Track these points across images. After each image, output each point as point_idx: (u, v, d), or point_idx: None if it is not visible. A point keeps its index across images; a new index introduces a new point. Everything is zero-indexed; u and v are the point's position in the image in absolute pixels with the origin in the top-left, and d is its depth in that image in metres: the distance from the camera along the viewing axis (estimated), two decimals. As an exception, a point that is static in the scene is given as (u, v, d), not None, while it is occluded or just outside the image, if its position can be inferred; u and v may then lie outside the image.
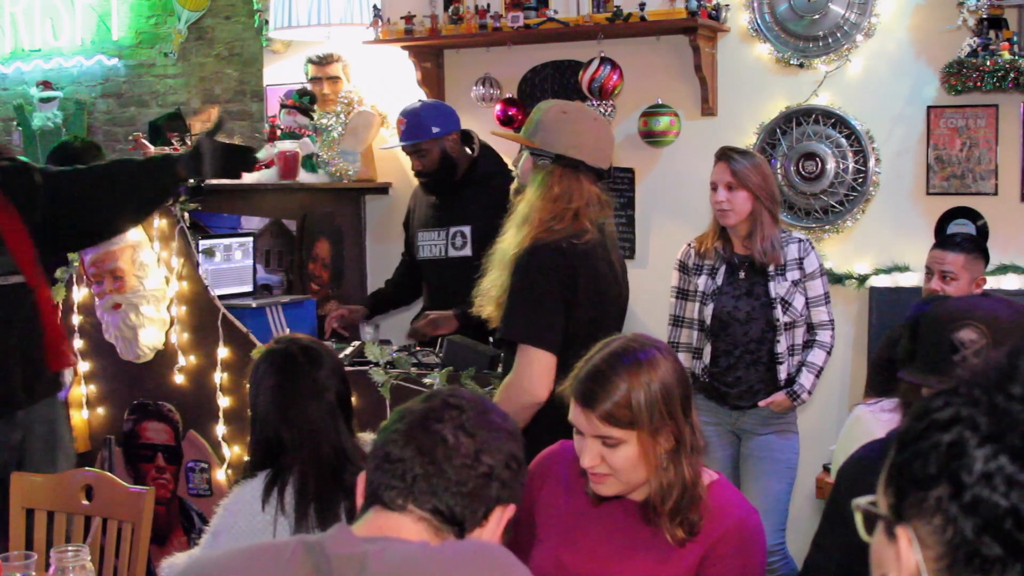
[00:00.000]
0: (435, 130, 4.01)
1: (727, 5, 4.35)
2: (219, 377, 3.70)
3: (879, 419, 2.55)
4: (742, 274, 3.51)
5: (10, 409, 3.17)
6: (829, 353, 3.56)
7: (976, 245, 3.67)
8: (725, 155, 3.54)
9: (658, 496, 1.96)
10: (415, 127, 4.01)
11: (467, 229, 4.08)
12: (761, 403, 3.50)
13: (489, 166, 4.16)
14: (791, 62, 4.31)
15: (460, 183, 4.10)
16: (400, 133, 4.08)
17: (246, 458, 2.58)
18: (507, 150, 4.21)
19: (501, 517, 1.46)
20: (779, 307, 3.45)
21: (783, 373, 3.49)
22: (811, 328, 3.55)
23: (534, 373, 2.71)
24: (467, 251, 4.06)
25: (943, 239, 3.76)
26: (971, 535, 0.82)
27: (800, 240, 3.56)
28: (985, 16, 3.90)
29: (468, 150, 4.14)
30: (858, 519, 0.96)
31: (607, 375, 1.94)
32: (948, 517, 0.83)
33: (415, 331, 3.97)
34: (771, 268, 3.48)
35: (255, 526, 2.13)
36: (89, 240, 3.44)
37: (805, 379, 3.50)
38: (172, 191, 3.33)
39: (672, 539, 1.97)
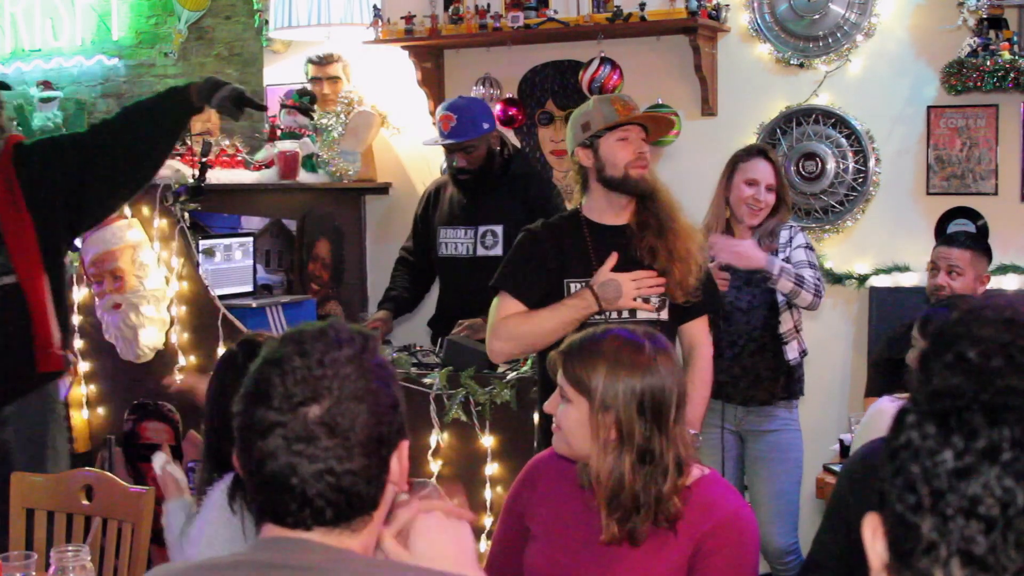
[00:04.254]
0: (485, 126, 3.92)
1: (727, 5, 4.35)
2: (219, 377, 3.69)
3: None
4: None
5: None
6: (816, 292, 3.41)
7: (980, 243, 3.68)
8: (764, 154, 3.56)
9: (593, 480, 1.97)
10: (467, 123, 3.90)
11: (499, 228, 3.99)
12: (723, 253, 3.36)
13: (521, 167, 4.11)
14: (791, 62, 4.31)
15: (492, 182, 4.03)
16: (448, 129, 3.92)
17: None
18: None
19: (400, 457, 1.39)
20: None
21: (790, 353, 3.49)
22: None
23: None
24: (498, 250, 3.97)
25: (948, 236, 3.77)
26: (897, 503, 0.82)
27: (791, 226, 3.59)
28: (985, 16, 3.90)
29: (499, 149, 4.10)
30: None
31: (598, 340, 2.00)
32: (885, 489, 0.84)
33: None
34: None
35: (233, 534, 2.10)
36: (119, 196, 3.37)
37: (788, 269, 3.39)
38: (187, 121, 3.34)
39: (605, 534, 1.96)
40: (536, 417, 3.32)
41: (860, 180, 4.25)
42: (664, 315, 2.98)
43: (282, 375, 1.32)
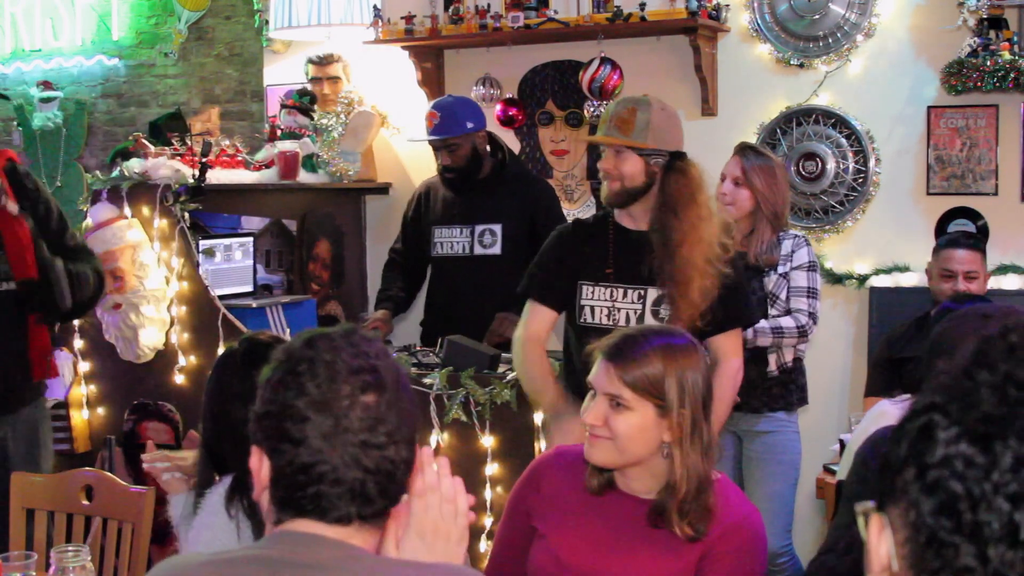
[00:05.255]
0: (469, 125, 3.98)
1: (727, 5, 4.35)
2: (219, 377, 3.69)
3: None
4: None
5: None
6: (801, 334, 3.40)
7: (980, 242, 3.70)
8: (742, 150, 3.56)
9: (677, 481, 1.97)
10: (450, 121, 3.96)
11: (497, 227, 4.04)
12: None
13: (517, 168, 4.17)
14: (791, 62, 4.31)
15: (487, 182, 4.08)
16: (432, 127, 4.00)
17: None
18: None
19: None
20: (768, 301, 3.44)
21: (772, 364, 3.47)
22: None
23: None
24: (496, 249, 4.02)
25: (948, 239, 3.74)
26: (929, 517, 0.83)
27: (795, 236, 3.55)
28: (985, 16, 3.90)
29: (488, 149, 4.12)
30: (860, 523, 0.96)
31: (644, 341, 2.01)
32: (911, 499, 0.85)
33: (499, 335, 3.84)
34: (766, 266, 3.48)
35: (229, 539, 2.09)
36: None
37: (763, 328, 3.36)
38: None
39: (681, 534, 1.97)
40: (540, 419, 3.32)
41: (860, 180, 4.25)
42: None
43: (329, 366, 1.28)
